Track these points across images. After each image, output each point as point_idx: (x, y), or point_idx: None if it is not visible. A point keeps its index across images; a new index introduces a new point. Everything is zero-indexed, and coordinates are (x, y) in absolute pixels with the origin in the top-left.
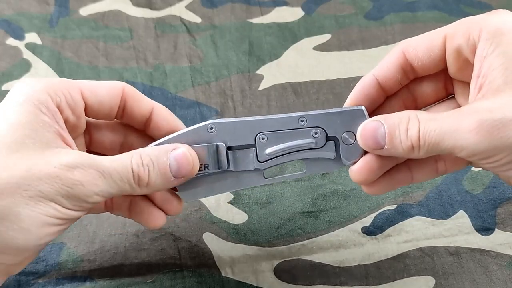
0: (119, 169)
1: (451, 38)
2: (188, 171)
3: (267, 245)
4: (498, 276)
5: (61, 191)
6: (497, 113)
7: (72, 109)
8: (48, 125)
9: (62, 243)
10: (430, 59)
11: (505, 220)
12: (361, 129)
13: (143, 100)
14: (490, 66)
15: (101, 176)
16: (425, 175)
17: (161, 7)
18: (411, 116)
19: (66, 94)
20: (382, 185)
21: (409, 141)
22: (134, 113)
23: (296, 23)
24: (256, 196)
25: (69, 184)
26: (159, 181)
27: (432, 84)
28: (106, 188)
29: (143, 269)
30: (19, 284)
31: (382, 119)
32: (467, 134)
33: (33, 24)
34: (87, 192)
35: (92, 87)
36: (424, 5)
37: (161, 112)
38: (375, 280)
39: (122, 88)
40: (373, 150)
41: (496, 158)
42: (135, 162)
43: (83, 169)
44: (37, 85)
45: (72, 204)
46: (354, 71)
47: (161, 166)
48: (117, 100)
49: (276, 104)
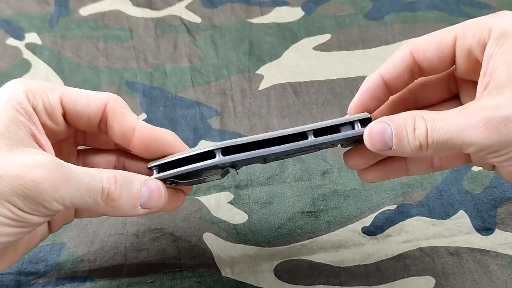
0: (88, 180)
1: (462, 39)
2: (155, 205)
3: (267, 245)
4: (498, 276)
5: (18, 191)
6: (504, 110)
7: (48, 114)
8: (22, 124)
9: (62, 243)
10: (440, 60)
11: (505, 220)
12: (368, 131)
13: (125, 118)
14: (495, 64)
15: (65, 182)
16: (420, 168)
17: (161, 7)
18: (416, 116)
19: (44, 98)
20: (376, 172)
21: (417, 141)
22: (114, 131)
23: (296, 23)
24: (256, 196)
25: (28, 184)
26: (127, 205)
27: (435, 85)
28: (68, 196)
29: (143, 269)
30: (19, 284)
31: (388, 120)
32: (475, 131)
33: (33, 24)
34: (45, 196)
35: (73, 95)
36: (424, 5)
37: (144, 132)
38: (375, 280)
39: (105, 102)
40: (381, 151)
41: (502, 152)
42: (107, 179)
43: (46, 169)
44: (18, 86)
45: (29, 207)
46: (354, 71)
47: (134, 192)
48: (97, 113)
49: (276, 104)
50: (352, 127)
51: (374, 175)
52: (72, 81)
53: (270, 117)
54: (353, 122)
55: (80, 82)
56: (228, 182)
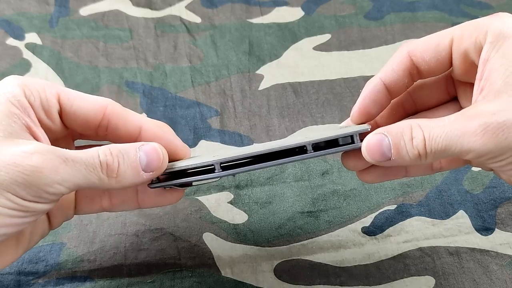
0: (85, 157)
1: (458, 41)
2: (157, 166)
3: (267, 245)
4: (498, 276)
5: (18, 179)
6: (501, 115)
7: (45, 110)
8: (16, 116)
9: (62, 243)
10: (437, 62)
11: (505, 220)
12: (365, 144)
13: (129, 119)
14: (491, 68)
15: (63, 163)
16: (419, 170)
17: (161, 7)
18: (413, 124)
19: (42, 94)
20: (375, 174)
21: (416, 150)
22: (120, 132)
23: (296, 23)
24: (256, 196)
25: (26, 170)
26: (129, 173)
27: (434, 87)
28: (69, 176)
29: (143, 269)
30: (19, 284)
31: (384, 131)
32: (474, 137)
33: (33, 24)
34: (46, 180)
35: (71, 95)
36: (424, 5)
37: (151, 130)
38: (375, 280)
39: (105, 106)
40: (380, 163)
41: (501, 158)
42: (102, 153)
43: (42, 154)
44: (14, 81)
45: (31, 195)
46: (354, 71)
47: (132, 159)
48: (95, 115)
49: (276, 104)
50: (351, 139)
51: (373, 176)
52: (72, 81)
53: (270, 117)
54: (352, 135)
55: (80, 82)
56: (228, 182)
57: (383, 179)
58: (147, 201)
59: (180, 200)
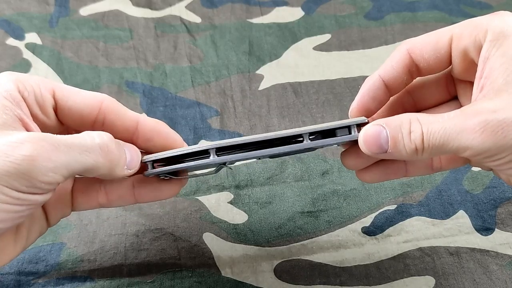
0: (78, 141)
1: (457, 39)
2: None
3: (267, 245)
4: (498, 276)
5: (10, 170)
6: (501, 113)
7: (40, 105)
8: (8, 108)
9: (62, 243)
10: (437, 60)
11: (505, 220)
12: (363, 134)
13: (126, 114)
14: (491, 67)
15: (55, 150)
16: (419, 169)
17: (161, 7)
18: (412, 118)
19: (36, 89)
20: (374, 173)
21: (413, 144)
22: (116, 127)
23: (296, 23)
24: (256, 196)
25: (17, 159)
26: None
27: (434, 86)
28: (62, 163)
29: (143, 269)
30: (19, 284)
31: (383, 123)
32: (472, 134)
33: (33, 24)
34: (40, 169)
35: (66, 91)
36: (424, 5)
37: (148, 124)
38: (375, 280)
39: (100, 101)
40: (376, 155)
41: (499, 157)
42: (97, 135)
43: (33, 142)
44: (8, 76)
45: (25, 185)
46: (354, 71)
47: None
48: (90, 111)
49: (276, 104)
50: (349, 131)
51: (372, 176)
52: (72, 81)
53: (270, 117)
54: (350, 126)
55: (80, 82)
56: (228, 182)
57: (383, 179)
58: (144, 195)
59: (180, 200)
